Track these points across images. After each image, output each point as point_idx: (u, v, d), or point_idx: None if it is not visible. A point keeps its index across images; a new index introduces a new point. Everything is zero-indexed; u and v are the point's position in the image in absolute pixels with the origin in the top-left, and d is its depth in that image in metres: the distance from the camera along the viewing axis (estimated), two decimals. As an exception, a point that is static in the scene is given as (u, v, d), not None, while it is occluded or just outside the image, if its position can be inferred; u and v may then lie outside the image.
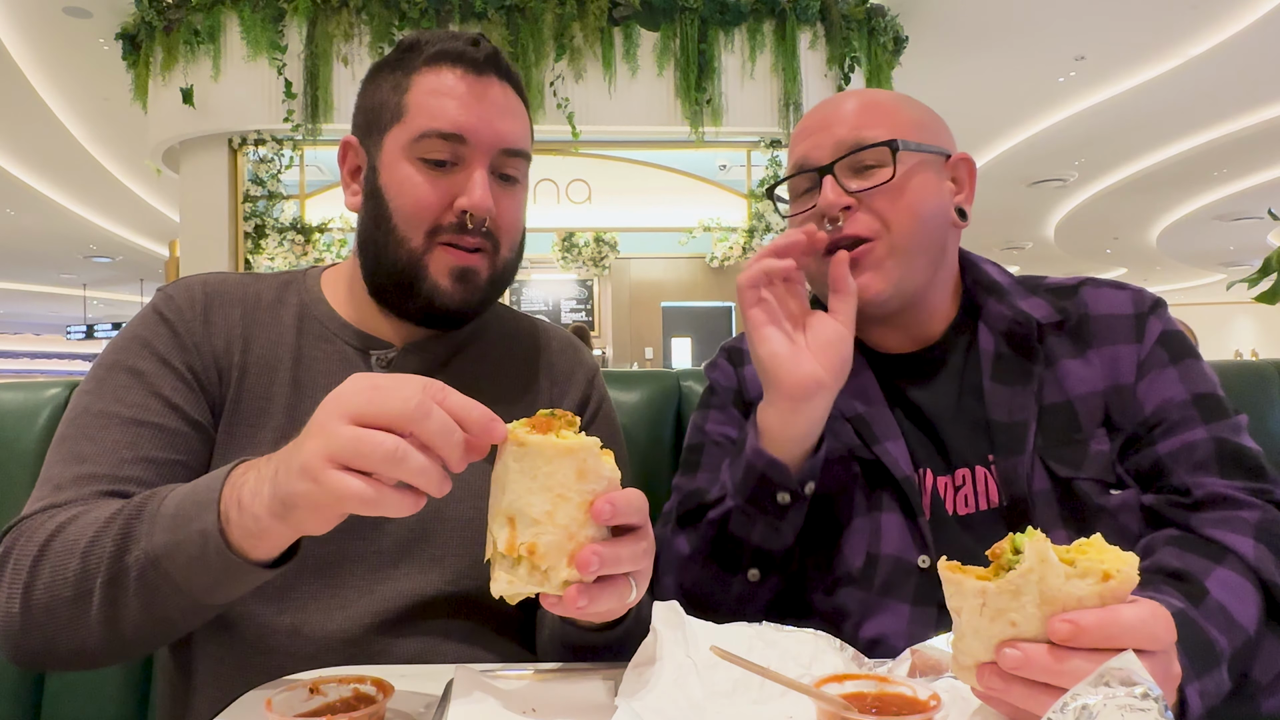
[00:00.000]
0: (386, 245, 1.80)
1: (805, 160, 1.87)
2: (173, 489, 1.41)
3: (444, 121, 1.76)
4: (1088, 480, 1.73)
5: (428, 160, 1.77)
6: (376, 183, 1.81)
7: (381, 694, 1.24)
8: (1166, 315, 1.86)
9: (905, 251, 1.81)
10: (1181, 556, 1.55)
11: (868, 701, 1.18)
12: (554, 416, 1.25)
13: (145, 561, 1.36)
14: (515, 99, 1.88)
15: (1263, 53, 13.46)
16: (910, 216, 1.80)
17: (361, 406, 1.17)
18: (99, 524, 1.42)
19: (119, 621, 1.41)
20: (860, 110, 1.86)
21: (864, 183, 1.80)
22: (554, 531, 1.19)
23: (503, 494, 1.22)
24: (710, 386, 2.13)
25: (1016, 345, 1.84)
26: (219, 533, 1.30)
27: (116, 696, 2.25)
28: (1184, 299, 32.33)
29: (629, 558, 1.25)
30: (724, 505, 1.75)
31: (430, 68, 1.80)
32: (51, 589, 1.42)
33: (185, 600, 1.38)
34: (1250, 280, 7.87)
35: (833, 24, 11.93)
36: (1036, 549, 1.05)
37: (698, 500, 1.83)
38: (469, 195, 1.76)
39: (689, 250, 14.58)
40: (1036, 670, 1.05)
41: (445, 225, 1.79)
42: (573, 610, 1.21)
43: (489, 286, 1.87)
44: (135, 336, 1.78)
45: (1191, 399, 1.75)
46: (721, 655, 1.24)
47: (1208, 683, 1.31)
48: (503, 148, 1.82)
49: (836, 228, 1.80)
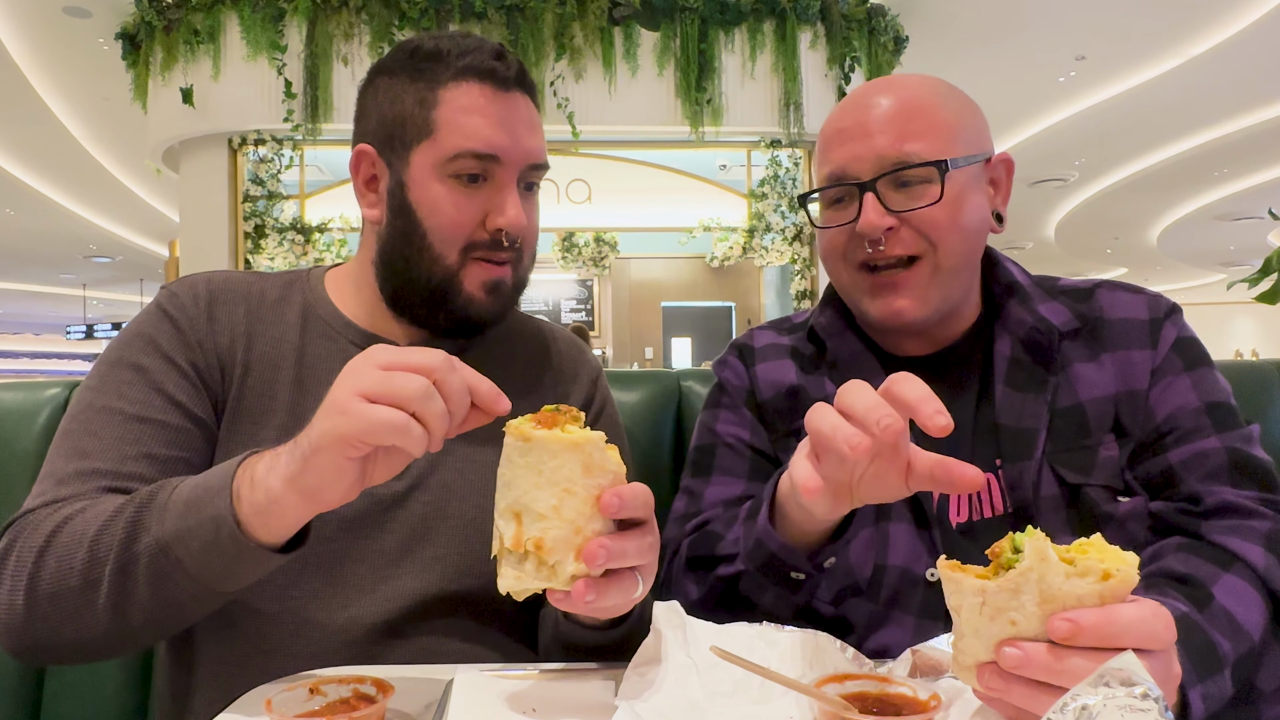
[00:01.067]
0: (420, 261, 1.80)
1: (843, 172, 1.80)
2: (184, 479, 1.42)
3: (478, 142, 1.76)
4: (1096, 487, 1.71)
5: (460, 177, 1.77)
6: (405, 199, 1.80)
7: (381, 694, 1.23)
8: (1182, 321, 1.84)
9: (950, 271, 1.78)
10: (1188, 562, 1.54)
11: (868, 702, 1.18)
12: (559, 412, 1.25)
13: (156, 548, 1.37)
14: (535, 112, 1.89)
15: (1263, 53, 13.46)
16: (958, 235, 1.76)
17: (391, 356, 1.24)
18: (106, 515, 1.43)
19: (127, 609, 1.41)
20: (901, 117, 1.77)
21: (909, 202, 1.75)
22: (561, 526, 1.19)
23: (509, 489, 1.22)
24: (720, 385, 2.08)
25: (1035, 353, 1.81)
26: (232, 517, 1.31)
27: (116, 696, 2.25)
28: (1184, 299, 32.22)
29: (635, 551, 1.25)
30: (735, 565, 1.68)
31: (457, 83, 1.79)
32: (58, 579, 1.42)
33: (195, 587, 1.39)
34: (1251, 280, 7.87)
35: (833, 24, 11.95)
36: (1036, 547, 1.05)
37: (709, 548, 1.77)
38: (504, 215, 1.78)
39: (689, 250, 14.59)
40: (1036, 669, 1.05)
41: (479, 242, 1.80)
42: (580, 604, 1.21)
43: (513, 293, 1.90)
44: (139, 333, 1.78)
45: (1204, 407, 1.73)
46: (722, 655, 1.24)
47: (1210, 686, 1.30)
48: (531, 163, 1.83)
49: (879, 249, 1.76)
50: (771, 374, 2.00)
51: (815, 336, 1.99)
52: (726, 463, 1.96)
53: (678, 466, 2.53)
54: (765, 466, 1.96)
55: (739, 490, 1.91)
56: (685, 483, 2.01)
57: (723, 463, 1.96)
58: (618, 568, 1.24)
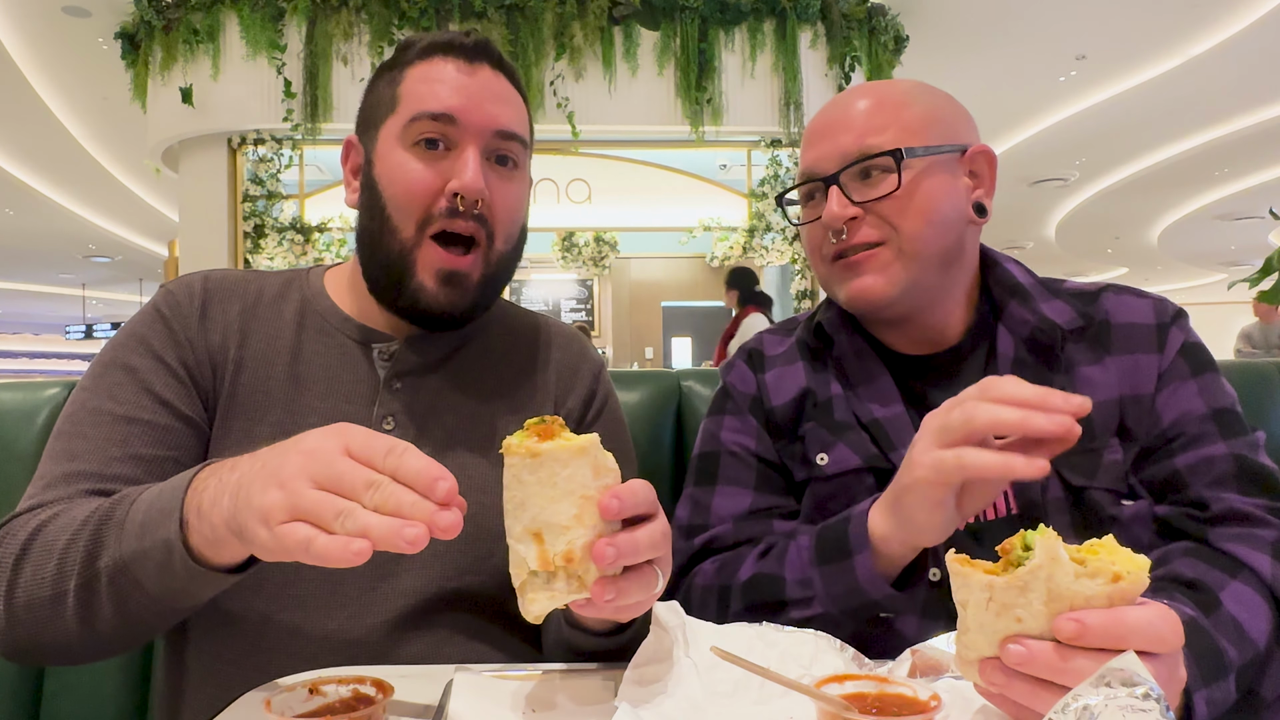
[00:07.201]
0: (381, 236, 1.79)
1: (812, 170, 1.86)
2: (145, 490, 1.42)
3: (434, 103, 1.76)
4: (1101, 490, 1.71)
5: (419, 144, 1.77)
6: (371, 174, 1.82)
7: (381, 694, 1.23)
8: (1188, 326, 1.84)
9: (914, 255, 1.78)
10: (1196, 567, 1.54)
11: (868, 702, 1.18)
12: (547, 423, 1.22)
13: (115, 568, 1.38)
14: (509, 86, 1.88)
15: (1263, 53, 13.49)
16: (919, 220, 1.77)
17: (349, 455, 1.17)
18: (75, 526, 1.44)
19: (95, 622, 1.43)
20: (866, 114, 1.82)
21: (870, 192, 1.78)
22: (585, 534, 1.17)
23: (523, 510, 1.19)
24: (725, 390, 2.07)
25: (1039, 352, 1.81)
26: (181, 542, 1.30)
27: (115, 695, 2.25)
28: (1185, 299, 32.28)
29: (648, 544, 1.23)
30: (810, 609, 1.64)
31: (423, 59, 1.82)
32: (31, 589, 1.44)
33: (156, 605, 1.40)
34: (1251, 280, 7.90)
35: (833, 23, 11.96)
36: (1047, 546, 1.04)
37: (775, 594, 1.70)
38: (459, 176, 1.75)
39: (689, 250, 14.61)
40: (1040, 667, 1.05)
41: (437, 212, 1.77)
42: (602, 605, 1.20)
43: (482, 288, 1.85)
44: (133, 333, 1.79)
45: (1211, 413, 1.73)
46: (722, 656, 1.24)
47: (1215, 692, 1.30)
48: (495, 129, 1.81)
49: (842, 239, 1.79)
50: (782, 380, 2.00)
51: (822, 331, 1.98)
52: (732, 472, 1.95)
53: (678, 466, 2.53)
54: (771, 476, 1.95)
55: (746, 502, 1.90)
56: (689, 490, 1.99)
57: (728, 472, 1.95)
58: (634, 563, 1.23)
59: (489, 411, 1.92)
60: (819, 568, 1.65)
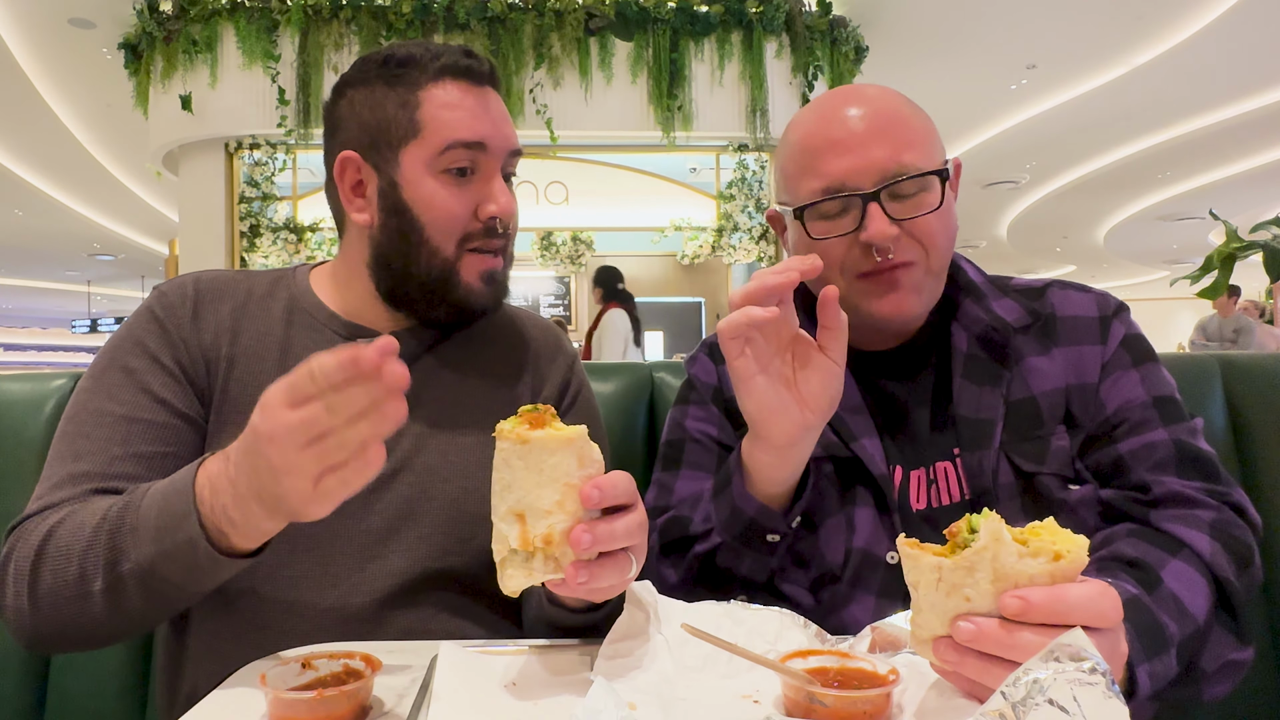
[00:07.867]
0: (418, 257, 1.81)
1: (843, 184, 1.72)
2: (148, 490, 1.43)
3: (466, 132, 1.78)
4: (1049, 475, 1.71)
5: (451, 172, 1.78)
6: (400, 198, 1.80)
7: (370, 668, 1.23)
8: (1129, 319, 1.84)
9: (939, 272, 1.78)
10: (1139, 547, 1.55)
11: (830, 675, 1.18)
12: (539, 411, 1.24)
13: (140, 572, 1.39)
14: (504, 106, 1.91)
15: (1204, 61, 13.57)
16: (947, 240, 1.75)
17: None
18: (89, 530, 1.45)
19: (124, 614, 1.45)
20: (891, 128, 1.73)
21: (909, 210, 1.71)
22: (565, 520, 1.19)
23: (509, 492, 1.21)
24: (689, 381, 2.06)
25: (990, 348, 1.81)
26: (204, 539, 1.32)
27: (119, 671, 2.26)
28: (1129, 295, 32.39)
29: (624, 532, 1.24)
30: (710, 540, 1.69)
31: (436, 83, 1.81)
32: (54, 590, 1.45)
33: (185, 592, 1.42)
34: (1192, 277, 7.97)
35: (797, 34, 11.99)
36: (991, 528, 1.05)
37: (681, 531, 1.76)
38: (496, 202, 1.81)
39: (661, 249, 14.57)
40: (989, 643, 1.06)
41: (474, 233, 1.82)
42: (574, 586, 1.21)
43: (505, 281, 1.92)
44: (129, 335, 1.80)
45: (1152, 401, 1.74)
46: (692, 632, 1.25)
47: (1157, 665, 1.31)
48: (510, 150, 1.85)
49: (888, 257, 1.71)
50: None
51: None
52: (694, 457, 1.95)
53: (651, 453, 2.53)
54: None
55: (706, 484, 1.88)
56: (657, 475, 2.00)
57: (691, 457, 1.95)
58: (610, 550, 1.24)
59: (471, 401, 1.92)
60: (713, 501, 1.71)
